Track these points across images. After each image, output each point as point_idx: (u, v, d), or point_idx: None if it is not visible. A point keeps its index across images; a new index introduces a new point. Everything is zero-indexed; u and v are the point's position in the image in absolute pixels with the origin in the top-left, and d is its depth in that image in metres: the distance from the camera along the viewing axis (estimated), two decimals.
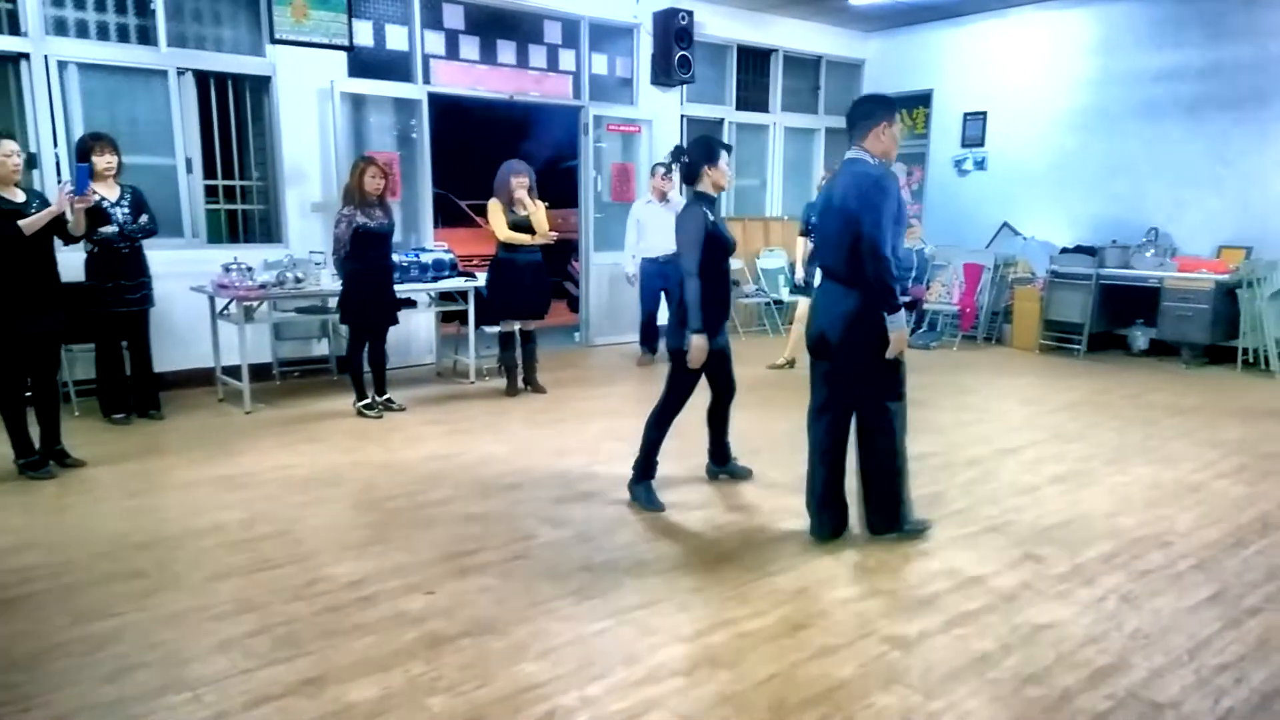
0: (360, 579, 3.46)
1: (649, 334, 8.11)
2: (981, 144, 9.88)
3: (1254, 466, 4.96)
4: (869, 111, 3.82)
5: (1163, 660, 2.86)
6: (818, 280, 3.86)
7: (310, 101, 7.09)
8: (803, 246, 7.52)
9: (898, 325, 3.59)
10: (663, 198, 7.84)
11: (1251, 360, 7.72)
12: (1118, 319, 8.50)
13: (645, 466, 4.36)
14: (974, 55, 9.90)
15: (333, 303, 6.28)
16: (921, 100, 10.53)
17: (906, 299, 9.79)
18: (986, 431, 5.68)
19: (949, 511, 4.24)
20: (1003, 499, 4.42)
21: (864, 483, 3.85)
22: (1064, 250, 8.74)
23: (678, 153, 4.33)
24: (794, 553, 3.73)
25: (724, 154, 4.21)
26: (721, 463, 4.73)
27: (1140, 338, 8.33)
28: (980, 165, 9.91)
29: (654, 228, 7.86)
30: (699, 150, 4.19)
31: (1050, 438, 5.54)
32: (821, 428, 3.84)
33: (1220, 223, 8.13)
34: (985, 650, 2.91)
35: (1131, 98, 8.63)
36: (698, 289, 4.03)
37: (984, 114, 9.86)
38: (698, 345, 4.09)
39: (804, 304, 7.67)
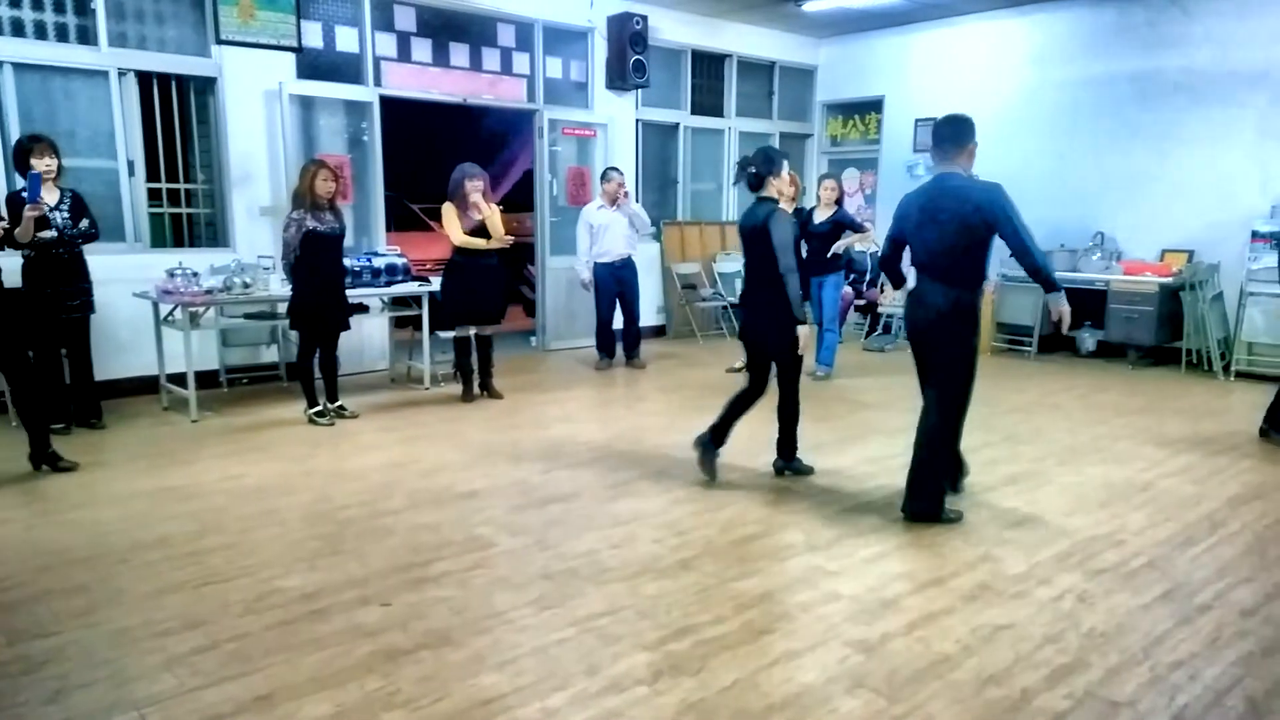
0: (313, 592, 3.37)
1: (605, 339, 8.08)
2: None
3: (1200, 465, 5.06)
4: (961, 131, 4.26)
5: (1119, 659, 2.89)
6: (913, 280, 4.28)
7: (258, 103, 6.95)
8: None
9: (1059, 302, 4.31)
10: (613, 202, 7.83)
11: (1195, 361, 7.89)
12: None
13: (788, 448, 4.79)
14: (924, 62, 10.03)
15: (282, 308, 6.15)
16: (873, 106, 10.64)
17: (862, 302, 9.90)
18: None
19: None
20: (959, 500, 4.44)
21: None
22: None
23: (744, 164, 4.58)
24: (756, 557, 3.72)
25: (785, 163, 4.59)
26: (717, 445, 4.76)
27: (1088, 339, 8.49)
28: (931, 171, 10.03)
29: (607, 232, 7.85)
30: (763, 162, 4.53)
31: (1004, 439, 5.61)
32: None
33: (1163, 227, 8.31)
34: (946, 652, 2.92)
35: (1075, 105, 8.81)
36: (798, 283, 4.42)
37: (934, 120, 9.97)
38: (805, 333, 4.48)
39: None
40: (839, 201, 7.41)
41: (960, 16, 9.54)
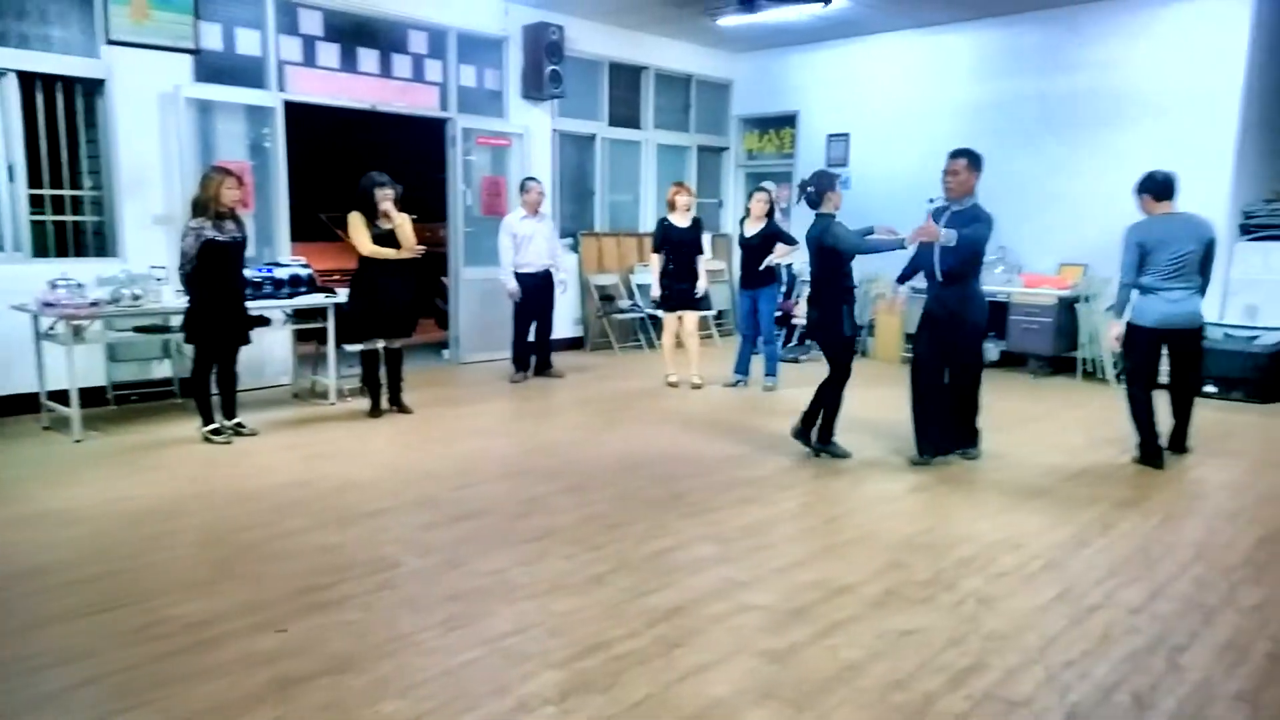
0: (205, 619, 3.21)
1: (523, 352, 7.98)
2: (845, 164, 10.21)
3: (1094, 470, 5.26)
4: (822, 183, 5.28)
5: (1016, 659, 2.96)
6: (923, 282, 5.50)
7: (152, 107, 6.66)
8: (657, 263, 7.53)
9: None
10: (534, 212, 7.77)
11: (1090, 370, 8.23)
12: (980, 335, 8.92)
13: (826, 431, 5.43)
14: (836, 79, 10.25)
15: (176, 321, 5.89)
16: (787, 121, 10.82)
17: (779, 314, 10.04)
18: (853, 442, 5.80)
19: (819, 521, 4.32)
20: (870, 508, 4.53)
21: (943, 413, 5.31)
22: None
23: (804, 185, 5.36)
24: (669, 570, 3.70)
25: (838, 182, 5.37)
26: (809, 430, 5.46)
27: (992, 349, 8.73)
28: (844, 185, 10.22)
29: (530, 243, 7.77)
30: (823, 181, 5.30)
31: (911, 447, 5.69)
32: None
33: (1060, 241, 8.64)
34: (854, 659, 2.95)
35: (979, 123, 9.07)
36: (872, 247, 5.40)
37: (846, 135, 10.21)
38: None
39: (671, 318, 7.71)
40: (770, 214, 7.47)
41: (870, 35, 9.78)
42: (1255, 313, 7.69)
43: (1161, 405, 5.40)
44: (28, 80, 6.21)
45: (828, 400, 5.36)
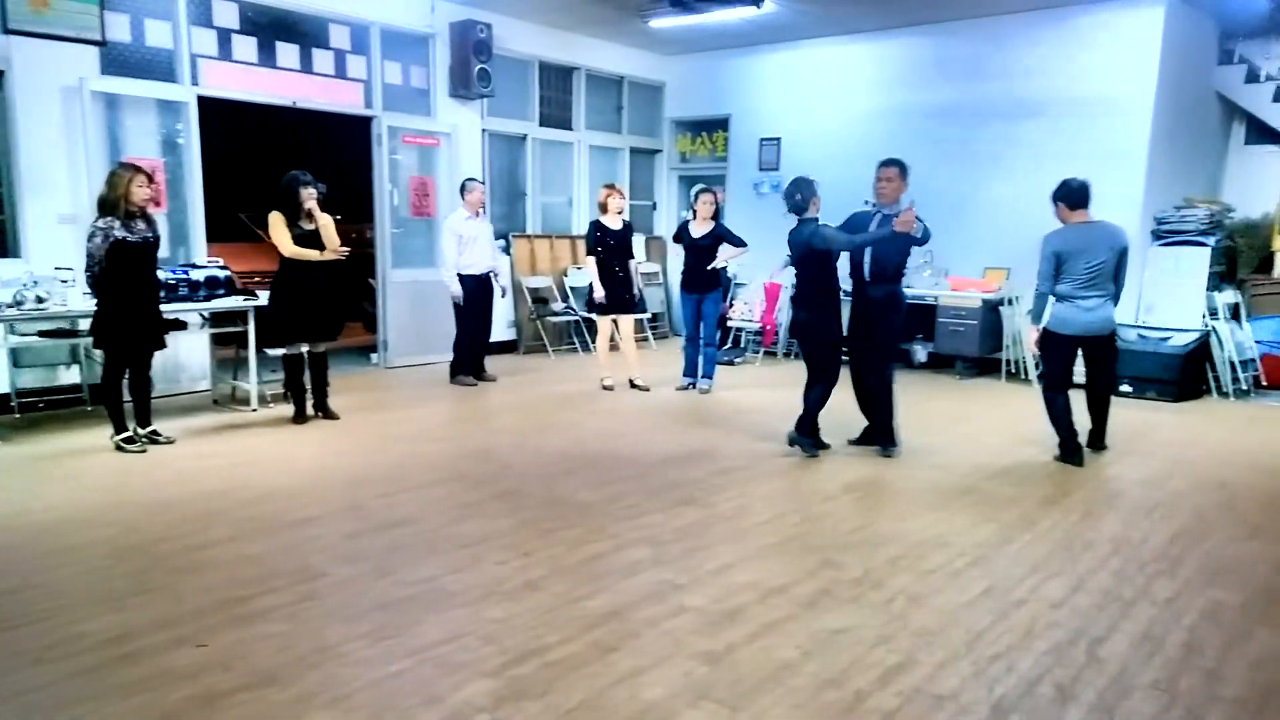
0: (119, 635, 3.07)
1: (467, 356, 7.87)
2: (777, 168, 10.32)
3: (1017, 468, 5.39)
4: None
5: (944, 655, 3.01)
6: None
7: (54, 100, 6.38)
8: (592, 266, 7.50)
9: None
10: (476, 212, 7.68)
11: (1013, 371, 8.46)
12: (901, 334, 9.07)
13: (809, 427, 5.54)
14: (769, 84, 10.36)
15: (84, 324, 5.64)
16: (720, 124, 10.88)
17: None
18: (786, 444, 5.86)
19: (754, 523, 4.32)
20: (802, 508, 4.57)
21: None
22: None
23: (791, 194, 5.38)
24: (604, 574, 3.67)
25: (817, 186, 5.41)
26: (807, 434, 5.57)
27: (920, 351, 8.94)
28: (776, 188, 10.32)
29: (475, 244, 7.67)
30: (807, 188, 5.36)
31: (843, 447, 5.79)
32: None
33: (985, 245, 8.84)
34: (787, 659, 2.96)
35: (908, 129, 9.25)
36: (866, 240, 5.29)
37: (778, 139, 10.32)
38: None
39: (605, 322, 7.69)
40: (715, 216, 7.47)
41: (801, 40, 9.90)
42: (1151, 310, 8.04)
43: (1079, 405, 5.56)
44: None
45: (814, 400, 5.50)
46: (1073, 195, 5.41)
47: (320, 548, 3.93)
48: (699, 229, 7.38)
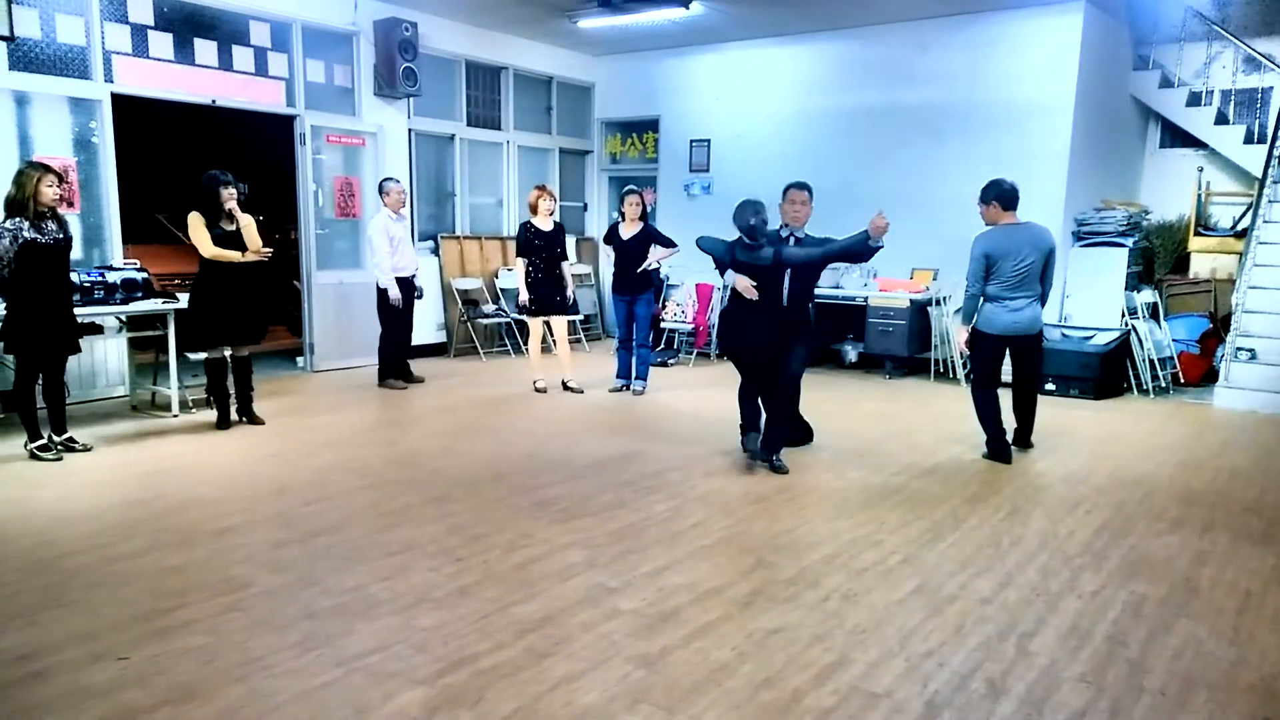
0: (29, 651, 2.95)
1: (400, 359, 7.73)
2: (707, 169, 10.38)
3: (946, 466, 5.49)
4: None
5: (878, 653, 3.05)
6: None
7: None
8: (522, 267, 7.45)
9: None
10: (398, 212, 7.57)
11: (942, 370, 8.64)
12: (831, 334, 9.20)
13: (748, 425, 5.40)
14: (698, 85, 10.42)
15: None
16: (650, 125, 10.91)
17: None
18: (721, 445, 5.89)
19: (687, 525, 4.33)
20: (736, 510, 4.58)
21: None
22: None
23: (750, 224, 5.22)
24: (537, 579, 3.64)
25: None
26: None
27: (850, 351, 9.06)
28: (706, 190, 10.42)
29: (403, 244, 7.58)
30: (761, 209, 5.29)
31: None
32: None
33: (914, 246, 8.90)
34: (723, 660, 2.97)
35: (835, 131, 9.44)
36: (837, 248, 5.35)
37: (708, 141, 10.38)
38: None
39: (537, 324, 7.63)
40: (644, 217, 7.45)
41: (729, 43, 9.99)
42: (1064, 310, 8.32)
43: (1005, 404, 5.68)
44: None
45: (783, 414, 5.38)
46: (1006, 197, 5.49)
47: (244, 557, 3.82)
48: (628, 230, 7.37)
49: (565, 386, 7.59)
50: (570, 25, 9.30)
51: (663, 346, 9.66)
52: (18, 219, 4.97)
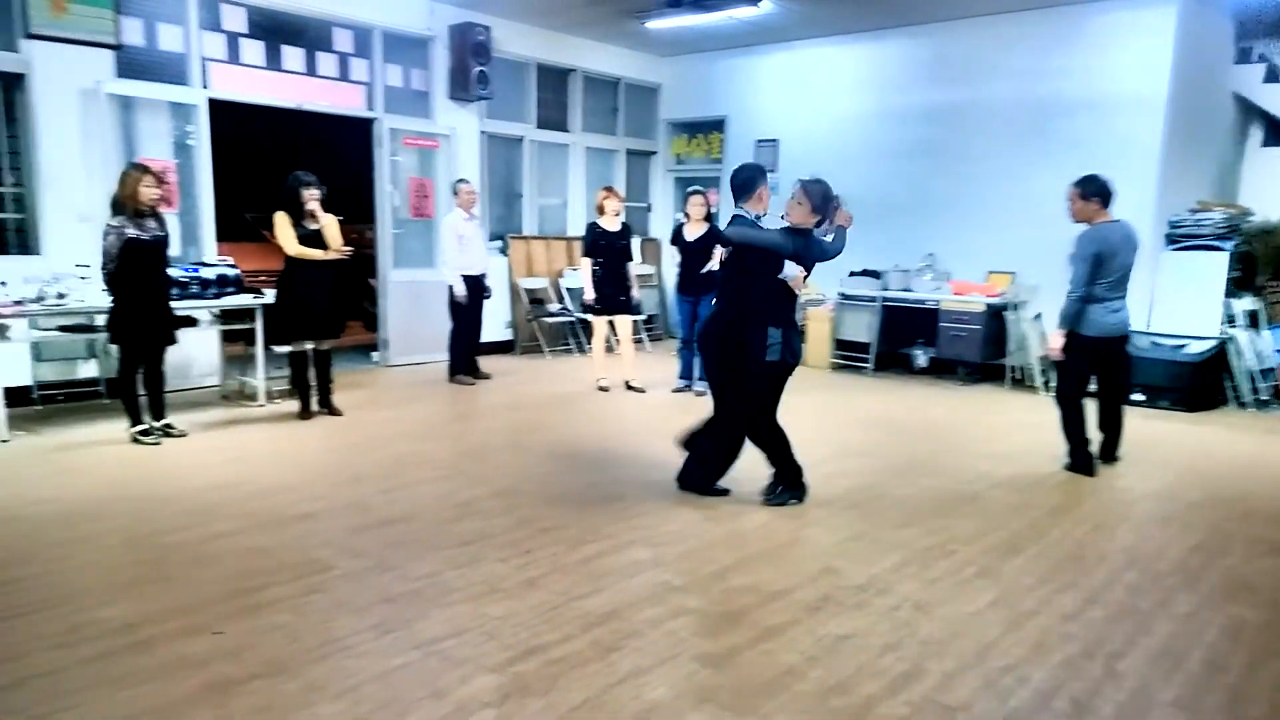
0: (134, 621, 3.12)
1: (467, 355, 7.90)
2: (775, 169, 10.34)
3: (1022, 477, 5.36)
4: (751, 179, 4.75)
5: (953, 665, 2.99)
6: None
7: (72, 102, 6.46)
8: (588, 267, 7.53)
9: None
10: (470, 212, 7.74)
11: (1018, 378, 8.41)
12: (901, 338, 9.09)
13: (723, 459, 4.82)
14: (766, 85, 10.38)
15: (101, 320, 5.69)
16: (716, 125, 10.91)
17: None
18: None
19: (752, 526, 4.34)
20: (801, 513, 4.57)
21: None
22: (851, 273, 9.24)
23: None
24: (603, 574, 3.69)
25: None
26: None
27: (921, 356, 8.92)
28: (773, 190, 10.34)
29: (473, 244, 7.74)
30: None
31: (843, 453, 5.81)
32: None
33: (989, 249, 8.77)
34: (791, 663, 2.97)
35: (906, 130, 9.28)
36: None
37: (775, 141, 10.34)
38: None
39: (601, 323, 7.71)
40: (709, 218, 7.46)
41: (799, 41, 9.93)
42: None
43: (1090, 414, 5.48)
44: None
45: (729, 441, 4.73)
46: (1107, 193, 5.25)
47: (325, 541, 3.97)
48: (693, 231, 7.36)
49: (628, 386, 7.65)
50: (638, 26, 9.37)
51: None
52: (121, 217, 5.24)
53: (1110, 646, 3.17)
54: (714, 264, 7.38)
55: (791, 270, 4.51)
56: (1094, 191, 5.25)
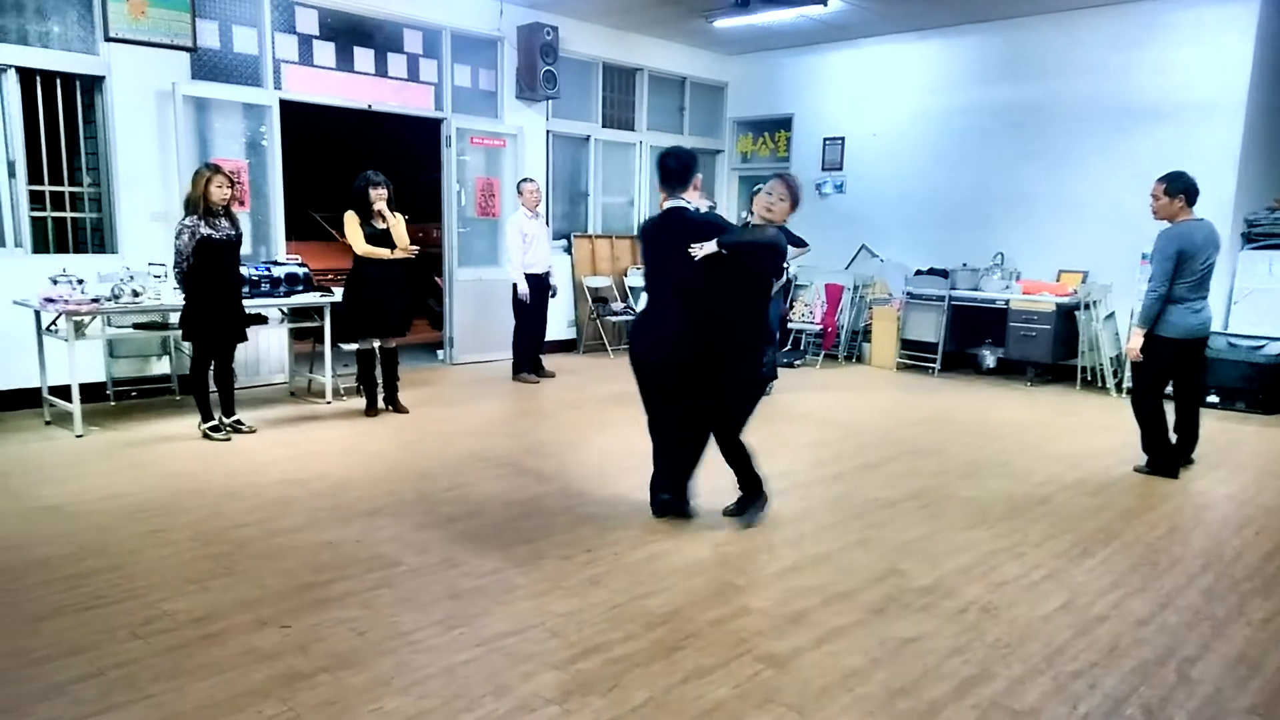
0: (204, 615, 3.20)
1: (531, 353, 7.96)
2: (840, 168, 10.22)
3: (1094, 479, 5.24)
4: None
5: (1022, 669, 2.94)
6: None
7: (149, 104, 6.65)
8: None
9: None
10: (535, 211, 7.79)
11: (1089, 378, 8.20)
12: (968, 338, 8.92)
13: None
14: (831, 82, 10.26)
15: (174, 318, 5.87)
16: (782, 124, 10.82)
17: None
18: (849, 447, 5.82)
19: (815, 527, 4.29)
20: (866, 514, 4.51)
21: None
22: (918, 272, 9.11)
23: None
24: (665, 574, 3.68)
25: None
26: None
27: (989, 356, 8.74)
28: (839, 189, 10.26)
29: (538, 242, 7.80)
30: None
31: (908, 453, 5.72)
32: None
33: (1059, 248, 8.60)
34: (856, 666, 2.93)
35: (975, 127, 9.10)
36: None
37: (842, 139, 10.22)
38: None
39: None
40: None
41: (866, 39, 9.80)
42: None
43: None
44: (28, 76, 6.19)
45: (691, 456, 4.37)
46: (1193, 191, 5.09)
47: (391, 537, 4.03)
48: None
49: None
50: (705, 25, 9.33)
51: (789, 347, 9.58)
52: (194, 217, 5.37)
53: (1184, 652, 3.10)
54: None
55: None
56: (1180, 188, 5.09)
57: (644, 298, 4.12)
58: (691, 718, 2.61)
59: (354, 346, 6.48)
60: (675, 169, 4.12)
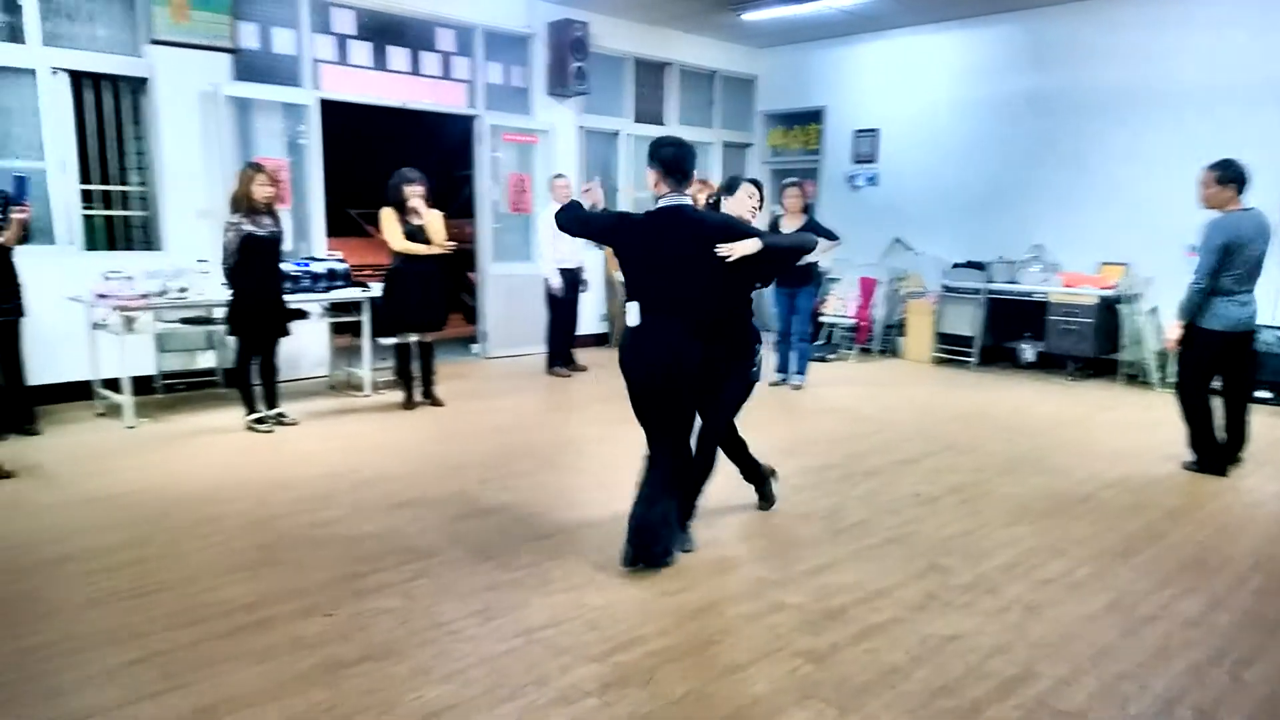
0: (252, 602, 3.27)
1: (566, 347, 7.99)
2: (873, 160, 10.13)
3: (1138, 476, 5.14)
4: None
5: (1067, 669, 2.90)
6: None
7: (193, 104, 6.77)
8: None
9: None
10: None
11: (1132, 373, 8.03)
12: (1006, 332, 8.80)
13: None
14: (863, 74, 10.17)
15: (219, 313, 5.97)
16: (813, 116, 10.74)
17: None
18: (884, 442, 5.78)
19: (850, 523, 4.26)
20: (903, 510, 4.47)
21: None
22: (954, 265, 9.00)
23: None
24: (695, 568, 3.68)
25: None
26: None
27: (1028, 350, 8.62)
28: (872, 181, 10.17)
29: (567, 238, 7.81)
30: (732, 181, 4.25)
31: (945, 448, 5.66)
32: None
33: (1100, 240, 8.41)
34: (896, 663, 2.92)
35: (1010, 117, 8.95)
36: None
37: (875, 131, 10.12)
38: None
39: None
40: (806, 209, 7.37)
41: (895, 30, 9.70)
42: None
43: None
44: (77, 79, 6.33)
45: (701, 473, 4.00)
46: (1244, 179, 4.94)
47: (429, 528, 4.07)
48: (790, 223, 7.25)
49: None
50: (734, 19, 9.29)
51: (822, 341, 9.53)
52: (239, 215, 5.47)
53: (1237, 654, 3.03)
54: (813, 255, 7.27)
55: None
56: (1231, 177, 4.94)
57: (633, 309, 3.70)
58: (731, 711, 2.61)
59: (392, 341, 6.55)
60: (674, 160, 3.63)
